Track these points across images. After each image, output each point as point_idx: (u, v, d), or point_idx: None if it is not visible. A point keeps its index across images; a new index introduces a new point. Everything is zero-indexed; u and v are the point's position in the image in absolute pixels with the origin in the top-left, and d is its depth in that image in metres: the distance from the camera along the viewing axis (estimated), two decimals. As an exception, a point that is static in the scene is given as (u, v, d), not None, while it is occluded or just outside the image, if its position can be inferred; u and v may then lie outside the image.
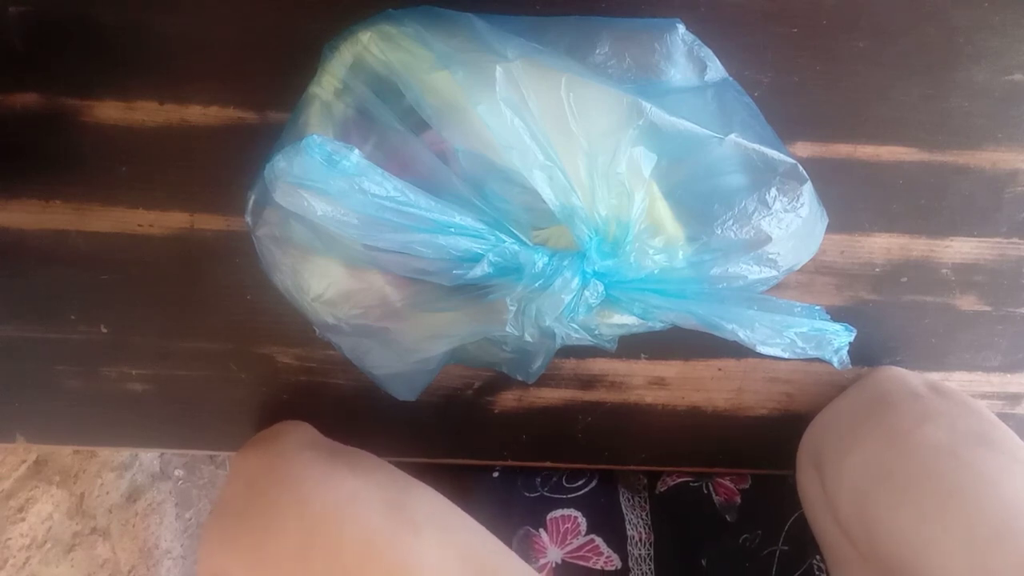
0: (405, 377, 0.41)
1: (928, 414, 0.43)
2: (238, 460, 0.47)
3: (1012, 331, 0.52)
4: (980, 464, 0.39)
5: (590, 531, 0.52)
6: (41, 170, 0.46)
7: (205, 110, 0.44)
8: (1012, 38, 0.43)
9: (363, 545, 0.38)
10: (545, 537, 0.51)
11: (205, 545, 0.43)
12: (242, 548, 0.40)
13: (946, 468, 0.40)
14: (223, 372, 0.52)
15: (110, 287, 0.49)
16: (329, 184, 0.32)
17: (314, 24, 0.40)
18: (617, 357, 0.52)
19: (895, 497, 0.40)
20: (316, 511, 0.39)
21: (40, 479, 0.90)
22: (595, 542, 0.51)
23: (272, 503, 0.41)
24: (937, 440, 0.41)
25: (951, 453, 0.40)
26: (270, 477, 0.43)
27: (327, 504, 0.39)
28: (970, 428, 0.42)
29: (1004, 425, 0.44)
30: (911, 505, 0.39)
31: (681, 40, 0.38)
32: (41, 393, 0.52)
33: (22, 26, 0.42)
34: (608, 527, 0.52)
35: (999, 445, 0.41)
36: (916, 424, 0.43)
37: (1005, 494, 0.37)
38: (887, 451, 0.43)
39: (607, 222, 0.36)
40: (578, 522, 0.52)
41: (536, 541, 0.51)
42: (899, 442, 0.43)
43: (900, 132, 0.46)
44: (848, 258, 0.49)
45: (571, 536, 0.51)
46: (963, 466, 0.39)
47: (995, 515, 0.36)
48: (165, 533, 1.20)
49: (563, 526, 0.52)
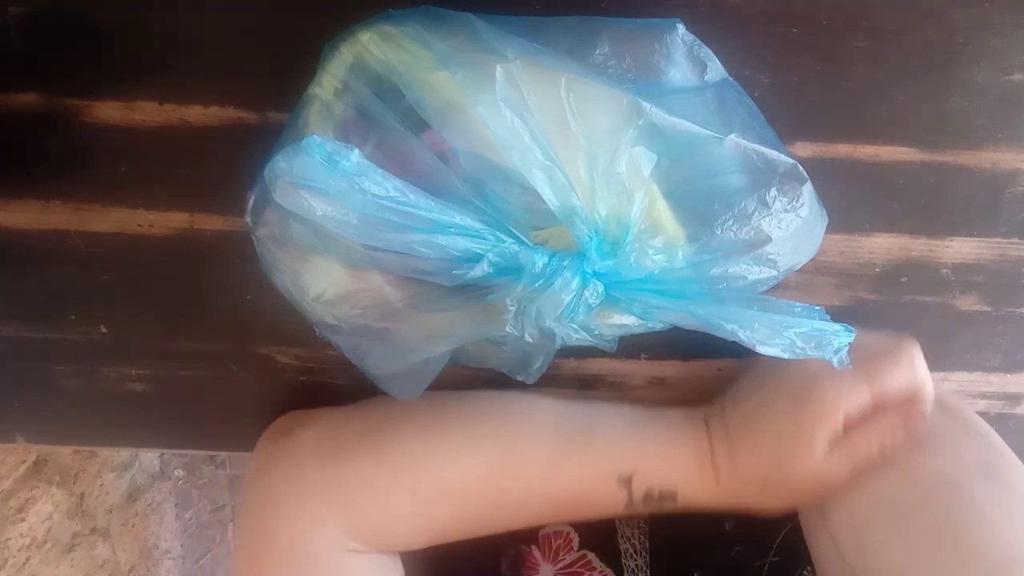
0: (405, 377, 0.41)
1: (933, 440, 0.42)
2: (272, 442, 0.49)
3: (1012, 331, 0.52)
4: (981, 500, 0.38)
5: (582, 546, 0.51)
6: (41, 170, 0.46)
7: (205, 110, 0.44)
8: (1012, 38, 0.43)
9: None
10: (537, 554, 0.51)
11: (284, 507, 0.44)
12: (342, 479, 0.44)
13: (946, 502, 0.39)
14: (223, 372, 0.52)
15: (110, 287, 0.49)
16: (329, 184, 0.32)
17: (314, 24, 0.40)
18: (617, 357, 0.52)
19: (892, 525, 0.40)
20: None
21: (40, 479, 0.90)
22: (587, 557, 0.51)
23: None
24: (939, 470, 0.41)
25: (953, 486, 0.39)
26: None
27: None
28: (975, 457, 0.41)
29: (1009, 451, 0.43)
30: (907, 536, 0.39)
31: (681, 40, 0.38)
32: (41, 393, 0.52)
33: (22, 26, 0.42)
34: (601, 542, 0.52)
35: (1003, 478, 0.40)
36: (920, 451, 0.42)
37: (1003, 537, 0.37)
38: (887, 475, 0.42)
39: (607, 222, 0.36)
40: (570, 538, 0.52)
41: (528, 558, 0.51)
42: (900, 468, 0.42)
43: (900, 132, 0.46)
44: (848, 258, 0.49)
45: (563, 552, 0.51)
46: (964, 500, 0.38)
47: (991, 560, 0.35)
48: (165, 533, 1.20)
49: (555, 542, 0.52)
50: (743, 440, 0.44)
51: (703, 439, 0.46)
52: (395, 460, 0.45)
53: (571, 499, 0.45)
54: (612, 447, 0.45)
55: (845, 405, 0.42)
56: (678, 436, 0.46)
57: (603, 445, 0.45)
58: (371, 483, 0.44)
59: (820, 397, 0.42)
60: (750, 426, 0.44)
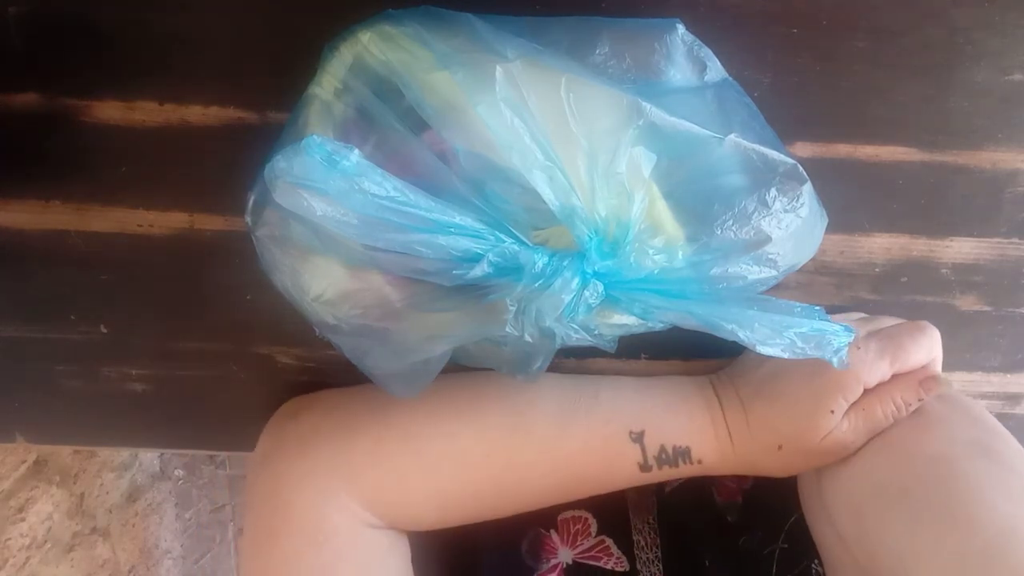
0: (405, 377, 0.41)
1: (927, 422, 0.43)
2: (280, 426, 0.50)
3: (1012, 331, 0.52)
4: (977, 477, 0.38)
5: (600, 532, 0.52)
6: (41, 170, 0.46)
7: (205, 110, 0.44)
8: (1012, 38, 0.43)
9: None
10: (556, 538, 0.51)
11: (298, 483, 0.45)
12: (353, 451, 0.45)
13: (942, 479, 0.39)
14: (223, 372, 0.52)
15: (110, 287, 0.49)
16: (329, 184, 0.32)
17: (314, 24, 0.40)
18: (617, 357, 0.52)
19: (889, 507, 0.40)
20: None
21: (40, 479, 0.90)
22: (606, 543, 0.51)
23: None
24: (934, 450, 0.41)
25: (948, 464, 0.40)
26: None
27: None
28: (969, 437, 0.41)
29: (1006, 432, 0.43)
30: (905, 516, 0.39)
31: (681, 40, 0.38)
32: (41, 393, 0.52)
33: (22, 26, 0.42)
34: (618, 529, 0.52)
35: (999, 456, 0.40)
36: (914, 432, 0.42)
37: (1000, 512, 0.37)
38: (883, 459, 0.42)
39: (607, 222, 0.36)
40: (588, 523, 0.52)
41: (547, 542, 0.51)
42: (896, 451, 0.42)
43: (900, 132, 0.46)
44: (848, 258, 0.49)
45: (582, 537, 0.51)
46: (959, 478, 0.39)
47: (988, 534, 0.35)
48: (165, 533, 1.20)
49: (573, 527, 0.52)
50: (758, 404, 0.45)
51: (713, 399, 0.47)
52: (404, 432, 0.45)
53: (584, 462, 0.45)
54: (621, 405, 0.46)
55: (867, 379, 0.43)
56: (687, 396, 0.47)
57: (611, 404, 0.46)
58: (381, 455, 0.45)
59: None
60: (765, 392, 0.45)
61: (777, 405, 0.45)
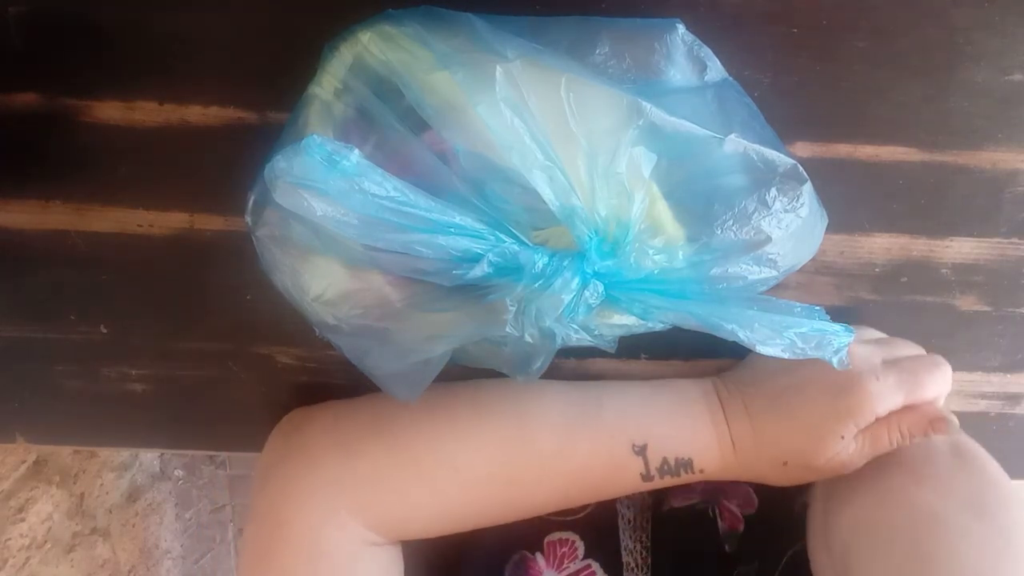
0: (405, 377, 0.41)
1: (930, 473, 0.43)
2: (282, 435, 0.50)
3: (1012, 331, 0.52)
4: (964, 537, 0.39)
5: (587, 555, 0.51)
6: (41, 170, 0.46)
7: (205, 110, 0.44)
8: (1012, 38, 0.43)
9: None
10: (541, 561, 0.51)
11: (300, 501, 0.44)
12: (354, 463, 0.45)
13: (929, 535, 0.39)
14: (223, 372, 0.52)
15: (110, 287, 0.49)
16: (329, 184, 0.32)
17: (314, 24, 0.40)
18: (617, 357, 0.52)
19: (875, 548, 0.40)
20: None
21: (40, 479, 0.90)
22: (591, 567, 0.51)
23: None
24: (929, 503, 0.41)
25: (937, 520, 0.40)
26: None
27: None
28: (967, 494, 0.41)
29: (1008, 491, 0.42)
30: (886, 562, 0.39)
31: (681, 40, 0.38)
32: (41, 393, 0.52)
33: (22, 26, 0.42)
34: (606, 552, 0.52)
35: (992, 518, 0.40)
36: (915, 479, 0.43)
37: (977, 574, 0.37)
38: (880, 501, 0.43)
39: (607, 222, 0.36)
40: (576, 546, 0.52)
41: (532, 565, 0.51)
42: (894, 496, 0.42)
43: (900, 132, 0.46)
44: (848, 258, 0.49)
45: (568, 560, 0.51)
46: (946, 535, 0.39)
47: None
48: (165, 533, 1.20)
49: (560, 549, 0.52)
50: (768, 420, 0.45)
51: (717, 409, 0.47)
52: (407, 447, 0.45)
53: (587, 473, 0.46)
54: (624, 418, 0.46)
55: (881, 408, 0.43)
56: (691, 406, 0.47)
57: (615, 416, 0.46)
58: (385, 471, 0.45)
59: (860, 395, 0.43)
60: (777, 409, 0.45)
61: (788, 424, 0.45)
